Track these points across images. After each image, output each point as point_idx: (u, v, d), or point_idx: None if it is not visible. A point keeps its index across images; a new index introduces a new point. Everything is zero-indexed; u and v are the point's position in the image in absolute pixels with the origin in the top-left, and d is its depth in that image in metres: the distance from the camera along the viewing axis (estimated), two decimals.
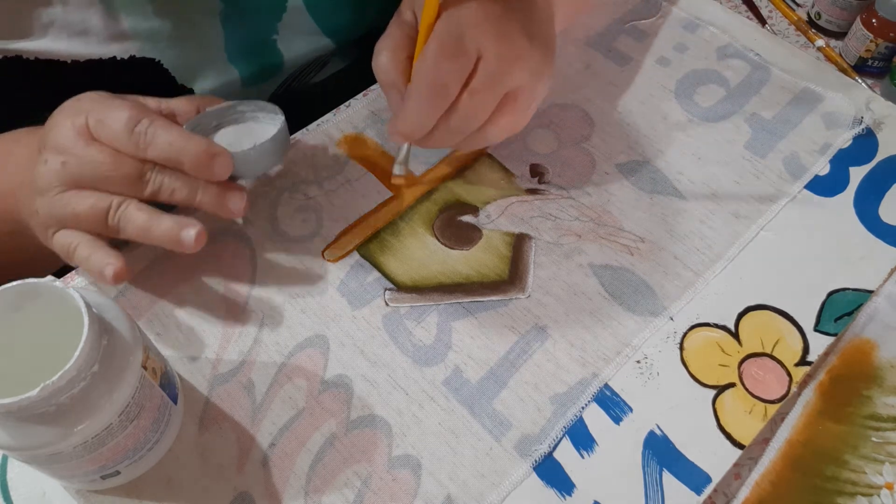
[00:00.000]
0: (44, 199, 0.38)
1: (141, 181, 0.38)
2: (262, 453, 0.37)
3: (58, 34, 0.42)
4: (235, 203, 0.39)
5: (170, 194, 0.38)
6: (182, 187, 0.38)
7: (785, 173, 0.47)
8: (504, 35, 0.39)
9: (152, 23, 0.44)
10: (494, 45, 0.38)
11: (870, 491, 0.36)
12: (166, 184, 0.38)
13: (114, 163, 0.37)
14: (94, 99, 0.38)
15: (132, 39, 0.44)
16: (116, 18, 0.43)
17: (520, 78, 0.39)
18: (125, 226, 0.37)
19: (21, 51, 0.42)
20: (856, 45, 0.57)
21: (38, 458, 0.31)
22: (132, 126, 0.37)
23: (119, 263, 0.37)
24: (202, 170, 0.38)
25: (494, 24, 0.38)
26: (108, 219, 0.37)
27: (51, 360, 0.29)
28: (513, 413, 0.38)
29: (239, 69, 0.49)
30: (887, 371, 0.40)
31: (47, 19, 0.41)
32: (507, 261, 0.43)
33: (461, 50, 0.37)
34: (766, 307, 0.42)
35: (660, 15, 0.57)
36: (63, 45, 0.42)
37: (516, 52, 0.39)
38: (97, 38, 0.43)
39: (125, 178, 0.37)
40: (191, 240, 0.38)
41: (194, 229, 0.38)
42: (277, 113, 0.43)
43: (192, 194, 0.38)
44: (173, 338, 0.40)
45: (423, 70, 0.38)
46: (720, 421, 0.38)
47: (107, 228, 0.38)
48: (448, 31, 0.37)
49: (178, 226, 0.38)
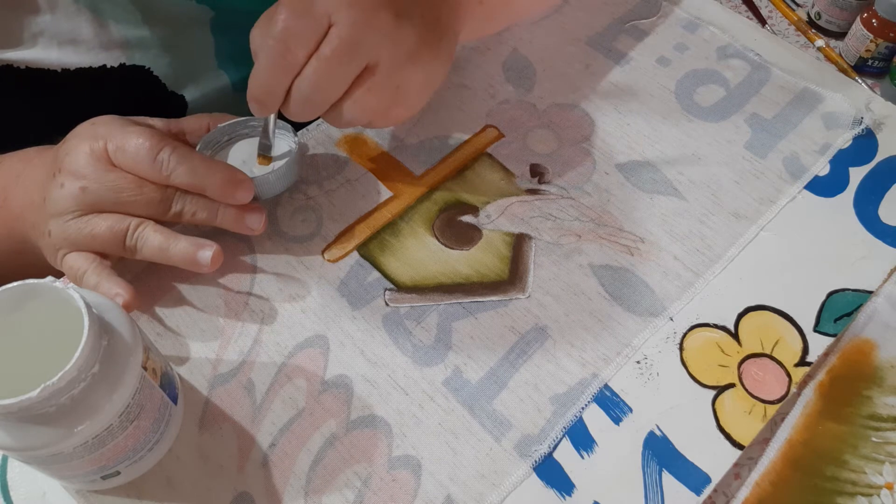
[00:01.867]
0: (58, 222, 0.38)
1: (164, 205, 0.39)
2: (262, 453, 0.37)
3: (48, 43, 0.42)
4: (255, 222, 0.40)
5: (191, 216, 0.39)
6: (203, 209, 0.39)
7: (785, 173, 0.47)
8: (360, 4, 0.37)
9: (143, 31, 0.44)
10: (347, 11, 0.36)
11: (870, 491, 0.36)
12: (188, 207, 0.39)
13: (138, 188, 0.38)
14: (109, 124, 0.39)
15: (122, 47, 0.44)
16: (106, 27, 0.43)
17: (377, 49, 0.37)
18: (142, 247, 0.38)
19: (11, 60, 0.42)
20: (856, 45, 0.57)
21: (39, 458, 0.31)
22: (154, 155, 0.38)
23: (128, 294, 0.37)
24: (226, 197, 0.39)
25: None
26: (126, 240, 0.38)
27: (51, 361, 0.29)
28: (513, 413, 0.38)
29: (229, 75, 0.49)
30: (887, 371, 0.40)
31: (37, 29, 0.42)
32: (507, 261, 0.43)
33: (308, 11, 0.36)
34: (765, 307, 0.42)
35: (660, 15, 0.57)
36: (53, 54, 0.42)
37: (375, 23, 0.37)
38: (87, 46, 0.43)
39: (149, 202, 0.38)
40: (207, 260, 0.39)
41: (210, 250, 0.39)
42: (289, 129, 0.44)
43: (213, 215, 0.40)
44: (173, 338, 0.40)
45: (268, 29, 0.36)
46: (720, 421, 0.38)
47: (124, 250, 0.38)
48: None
49: (194, 247, 0.39)
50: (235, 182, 0.39)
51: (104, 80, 0.44)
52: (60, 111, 0.39)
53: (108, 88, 0.42)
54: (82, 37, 0.42)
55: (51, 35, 0.42)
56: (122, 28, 0.43)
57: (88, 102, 0.43)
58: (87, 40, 0.43)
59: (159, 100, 0.47)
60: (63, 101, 0.40)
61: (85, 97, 0.39)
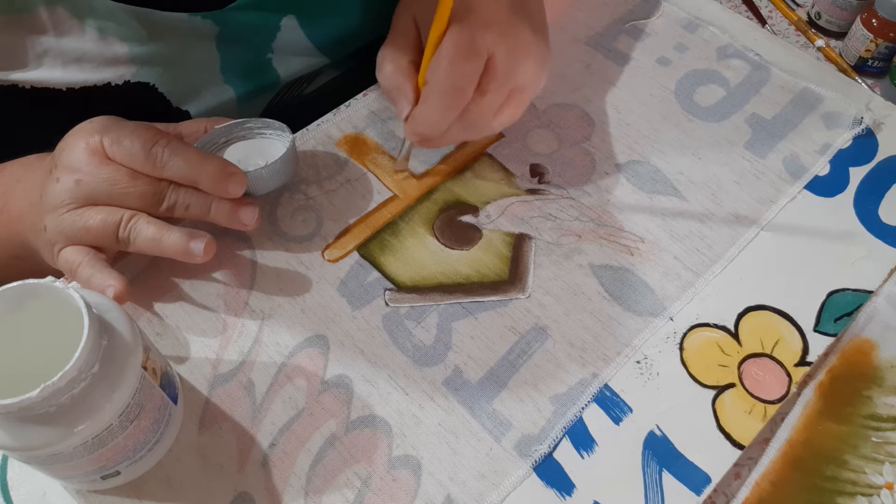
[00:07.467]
0: (53, 216, 0.38)
1: (156, 198, 0.39)
2: (262, 453, 0.37)
3: (52, 63, 0.42)
4: (248, 217, 0.40)
5: (184, 210, 0.39)
6: (196, 203, 0.39)
7: (785, 173, 0.47)
8: (511, 32, 0.40)
9: (148, 48, 0.44)
10: (503, 42, 0.40)
11: (870, 491, 0.36)
12: (181, 200, 0.39)
13: (131, 181, 0.38)
14: (106, 121, 0.39)
15: (127, 65, 0.44)
16: (111, 45, 0.43)
17: (527, 72, 0.41)
18: (135, 238, 0.38)
19: (16, 81, 0.42)
20: (856, 45, 0.57)
21: (39, 458, 0.31)
22: (149, 147, 0.38)
23: (120, 285, 0.37)
24: (218, 189, 0.39)
25: (502, 23, 0.40)
26: (119, 232, 0.38)
27: (51, 361, 0.29)
28: (513, 413, 0.38)
29: (235, 89, 0.49)
30: (887, 371, 0.40)
31: (41, 49, 0.42)
32: (507, 261, 0.43)
33: (474, 52, 0.39)
34: (765, 307, 0.42)
35: (660, 15, 0.57)
36: (58, 73, 0.43)
37: (523, 47, 0.41)
38: (91, 64, 0.43)
39: (142, 195, 0.38)
40: (200, 251, 0.39)
41: (203, 240, 0.39)
42: (285, 130, 0.45)
43: (206, 209, 0.40)
44: (173, 338, 0.40)
45: (439, 74, 0.39)
46: (720, 421, 0.38)
47: (117, 242, 0.38)
48: (460, 33, 0.39)
49: (187, 237, 0.39)
50: (227, 174, 0.39)
51: (109, 98, 0.44)
52: (65, 129, 0.40)
53: (113, 106, 0.42)
54: (87, 55, 0.43)
55: (55, 55, 0.42)
56: (126, 45, 0.43)
57: None
58: (92, 59, 0.43)
59: (164, 116, 0.47)
60: (67, 119, 0.40)
61: (89, 115, 0.40)
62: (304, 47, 0.51)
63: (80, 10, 0.41)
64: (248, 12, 0.46)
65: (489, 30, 0.39)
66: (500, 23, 0.40)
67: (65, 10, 0.41)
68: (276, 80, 0.51)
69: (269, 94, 0.52)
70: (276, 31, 0.49)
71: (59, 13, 0.41)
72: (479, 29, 0.39)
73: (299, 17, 0.49)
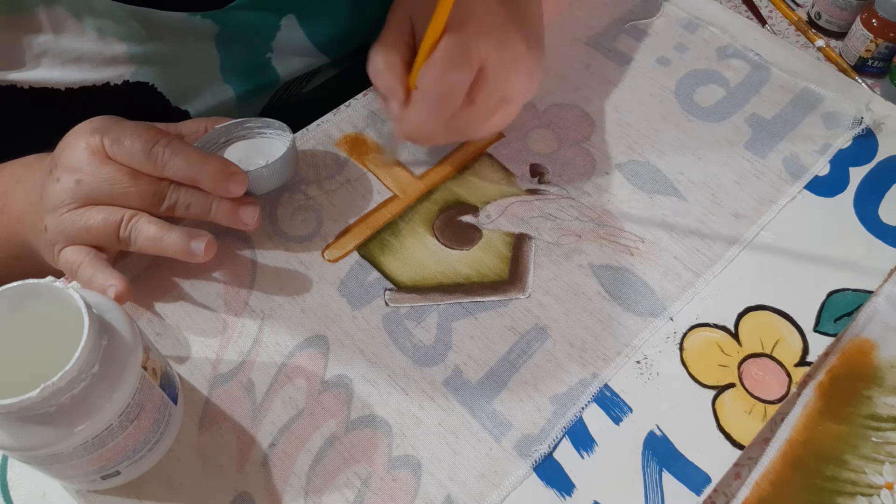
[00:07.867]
0: (53, 216, 0.38)
1: (157, 197, 0.39)
2: (262, 453, 0.37)
3: (51, 63, 0.42)
4: (248, 216, 0.41)
5: (185, 209, 0.39)
6: (197, 203, 0.39)
7: (785, 173, 0.47)
8: (506, 43, 0.41)
9: (147, 48, 0.44)
10: (497, 54, 0.40)
11: (870, 491, 0.36)
12: (182, 200, 0.39)
13: (131, 180, 0.38)
14: (106, 121, 0.39)
15: (126, 64, 0.44)
16: (110, 45, 0.43)
17: (517, 82, 0.42)
18: (136, 238, 0.38)
19: (14, 81, 0.42)
20: (856, 45, 0.57)
21: (39, 458, 0.31)
22: (150, 146, 0.38)
23: (121, 285, 0.37)
24: (219, 188, 0.39)
25: (497, 34, 0.40)
26: (120, 231, 0.38)
27: (51, 361, 0.29)
28: (513, 413, 0.38)
29: (234, 89, 0.49)
30: (887, 371, 0.40)
31: (39, 49, 0.42)
32: (507, 261, 0.43)
33: (467, 61, 0.39)
34: (765, 307, 0.42)
35: (660, 15, 0.57)
36: (57, 73, 0.42)
37: (516, 60, 0.41)
38: (90, 64, 0.43)
39: (142, 194, 0.38)
40: (200, 250, 0.39)
41: (203, 240, 0.39)
42: (285, 130, 0.45)
43: (207, 209, 0.40)
44: (173, 338, 0.40)
45: (430, 80, 0.40)
46: (720, 421, 0.38)
47: (118, 241, 0.38)
48: (454, 41, 0.39)
49: (187, 237, 0.39)
50: (228, 173, 0.39)
51: (108, 98, 0.44)
52: (64, 129, 0.40)
53: (112, 105, 0.42)
54: (86, 55, 0.42)
55: (54, 55, 0.42)
56: (125, 45, 0.43)
57: None
58: (91, 58, 0.43)
59: (163, 116, 0.47)
60: (67, 119, 0.40)
61: (89, 114, 0.40)
62: (303, 47, 0.51)
63: (79, 9, 0.41)
64: (248, 12, 0.46)
65: (484, 39, 0.39)
66: (496, 33, 0.40)
67: (63, 9, 0.41)
68: (276, 79, 0.51)
69: (269, 93, 0.52)
70: (276, 31, 0.49)
71: (58, 13, 0.41)
72: (474, 37, 0.39)
73: (299, 16, 0.49)
